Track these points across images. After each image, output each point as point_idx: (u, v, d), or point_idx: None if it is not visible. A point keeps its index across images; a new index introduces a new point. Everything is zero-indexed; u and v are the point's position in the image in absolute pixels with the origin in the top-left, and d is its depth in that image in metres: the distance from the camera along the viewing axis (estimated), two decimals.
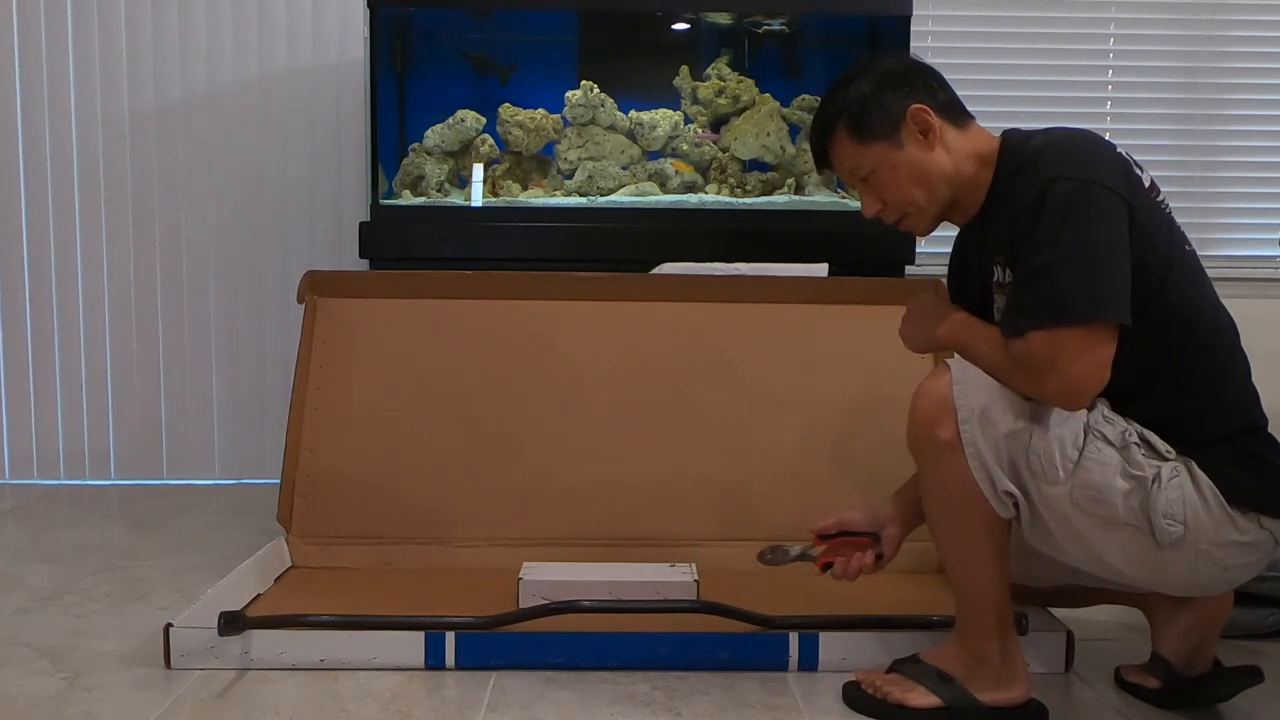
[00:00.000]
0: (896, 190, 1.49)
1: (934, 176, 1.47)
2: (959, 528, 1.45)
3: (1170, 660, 1.54)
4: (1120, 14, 3.14)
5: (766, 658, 1.67)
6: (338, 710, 1.52)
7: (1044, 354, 1.33)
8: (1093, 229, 1.31)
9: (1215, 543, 1.37)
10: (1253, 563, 1.41)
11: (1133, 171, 1.42)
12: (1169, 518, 1.36)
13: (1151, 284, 1.37)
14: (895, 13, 2.70)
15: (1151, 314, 1.37)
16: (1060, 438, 1.37)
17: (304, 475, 2.19)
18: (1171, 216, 1.46)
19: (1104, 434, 1.38)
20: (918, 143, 1.47)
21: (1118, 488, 1.37)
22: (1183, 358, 1.42)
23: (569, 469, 2.20)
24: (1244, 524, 1.37)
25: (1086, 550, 1.42)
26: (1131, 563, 1.41)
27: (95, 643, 1.79)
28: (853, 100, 1.49)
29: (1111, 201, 1.33)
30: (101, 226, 3.07)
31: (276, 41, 3.03)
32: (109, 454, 3.11)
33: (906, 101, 1.47)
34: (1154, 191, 1.44)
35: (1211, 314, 1.44)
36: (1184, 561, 1.38)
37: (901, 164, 1.47)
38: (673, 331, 2.29)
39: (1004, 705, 1.47)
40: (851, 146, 1.50)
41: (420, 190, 2.81)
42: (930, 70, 1.53)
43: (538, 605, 1.74)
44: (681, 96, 2.90)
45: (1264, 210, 3.20)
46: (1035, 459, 1.38)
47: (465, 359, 2.27)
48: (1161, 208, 1.43)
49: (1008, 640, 1.48)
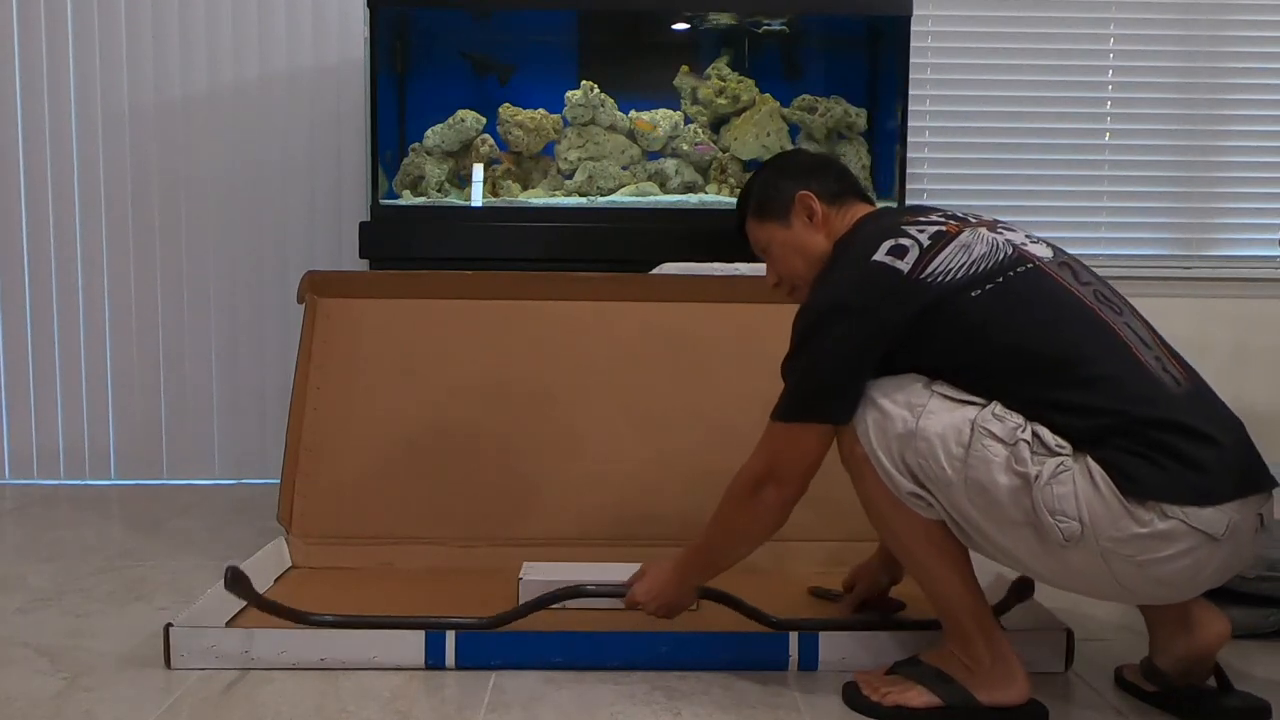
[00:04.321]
0: (785, 264, 1.69)
1: (813, 254, 1.65)
2: (899, 538, 1.50)
3: (1165, 673, 1.54)
4: (1120, 14, 3.14)
5: (766, 658, 1.67)
6: (338, 710, 1.52)
7: (761, 443, 1.55)
8: (813, 348, 1.51)
9: (1116, 538, 1.34)
10: (1177, 558, 1.34)
11: (884, 277, 1.47)
12: (1060, 514, 1.35)
13: (953, 341, 1.45)
14: (895, 13, 2.71)
15: (974, 359, 1.44)
16: (941, 435, 1.41)
17: (304, 475, 2.20)
18: (979, 253, 1.47)
19: (992, 430, 1.39)
20: (804, 225, 1.66)
21: (1003, 485, 1.37)
22: (1034, 379, 1.41)
23: (569, 469, 2.20)
24: (1143, 515, 1.33)
25: (1003, 552, 1.43)
26: (1043, 564, 1.41)
27: (95, 643, 1.79)
28: (759, 186, 1.72)
29: (840, 322, 1.49)
30: (102, 227, 3.07)
31: (276, 41, 3.03)
32: (109, 454, 3.11)
33: (797, 188, 1.66)
34: (925, 261, 1.46)
35: (1049, 330, 1.43)
36: (1091, 561, 1.36)
37: (789, 242, 1.67)
38: (673, 332, 2.29)
39: (1004, 705, 1.47)
40: (755, 225, 1.72)
41: (420, 190, 2.81)
42: (830, 162, 1.77)
43: (541, 596, 1.73)
44: (681, 96, 2.90)
45: (1264, 210, 3.20)
46: (923, 460, 1.42)
47: (465, 359, 2.27)
48: (933, 279, 1.46)
49: (993, 640, 1.48)
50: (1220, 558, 1.36)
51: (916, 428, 1.42)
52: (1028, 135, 3.15)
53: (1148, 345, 1.45)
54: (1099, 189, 3.18)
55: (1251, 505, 1.37)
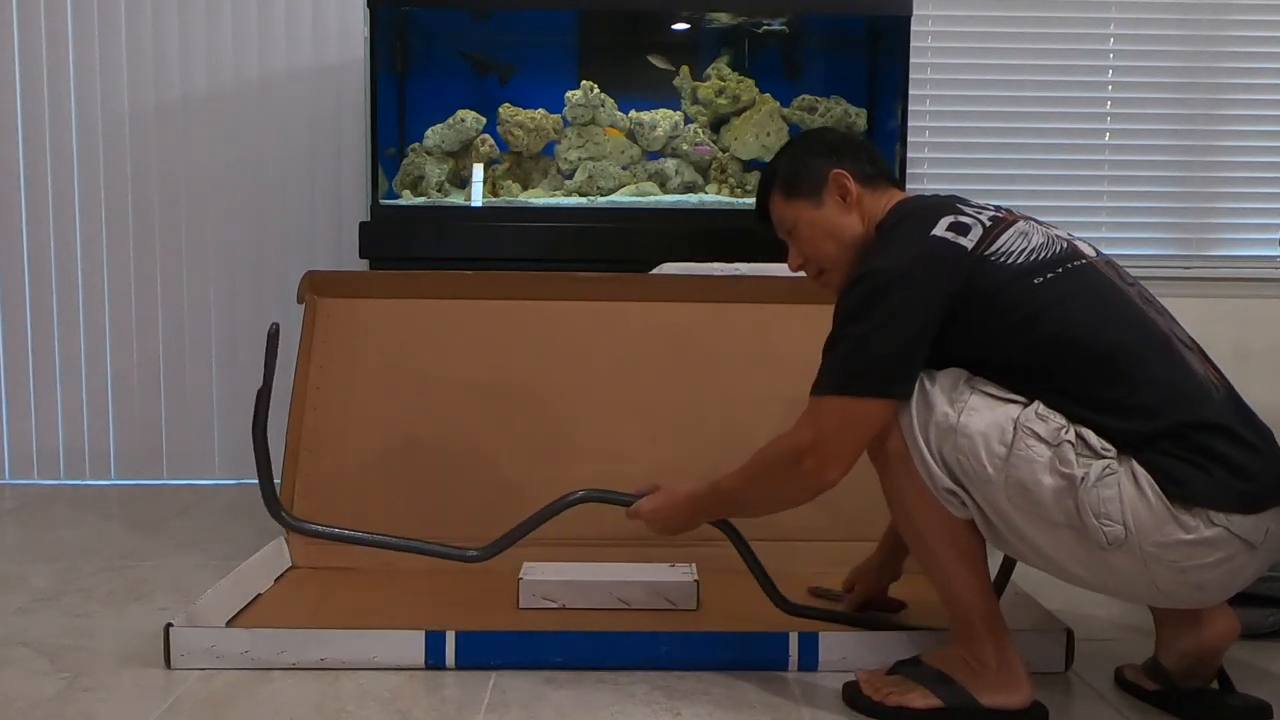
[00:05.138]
0: (813, 246, 1.62)
1: (846, 237, 1.59)
2: (923, 536, 1.48)
3: (1170, 671, 1.54)
4: (1120, 14, 3.14)
5: (766, 658, 1.67)
6: (338, 710, 1.52)
7: (807, 417, 1.47)
8: (875, 316, 1.43)
9: (1161, 543, 1.33)
10: (1219, 565, 1.35)
11: (949, 251, 1.45)
12: (1105, 518, 1.34)
13: (1007, 327, 1.43)
14: (895, 13, 2.71)
15: (1027, 348, 1.42)
16: (984, 434, 1.39)
17: (304, 475, 2.20)
18: (1037, 243, 1.47)
19: (1035, 431, 1.38)
20: (837, 205, 1.60)
21: (1047, 485, 1.36)
22: (1084, 375, 1.40)
23: (569, 469, 2.20)
24: (1189, 522, 1.32)
25: (1038, 553, 1.42)
26: (1082, 566, 1.40)
27: (95, 643, 1.79)
28: (787, 162, 1.65)
29: (904, 290, 1.43)
30: (102, 227, 3.07)
31: (276, 41, 3.03)
32: (109, 454, 3.11)
33: (830, 167, 1.60)
34: (989, 240, 1.45)
35: (1102, 327, 1.42)
36: (1133, 565, 1.36)
37: (819, 222, 1.61)
38: (673, 332, 2.29)
39: (1005, 708, 1.46)
40: (781, 203, 1.65)
41: (420, 190, 2.81)
42: (861, 143, 1.69)
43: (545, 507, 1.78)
44: (681, 96, 2.90)
45: (1264, 210, 3.20)
46: (964, 456, 1.40)
47: (465, 359, 2.27)
48: (997, 259, 1.44)
49: (1001, 643, 1.48)
50: (1256, 564, 1.37)
51: (958, 423, 1.40)
52: (1028, 135, 3.15)
53: (1190, 349, 1.45)
54: (1099, 189, 3.18)
55: None
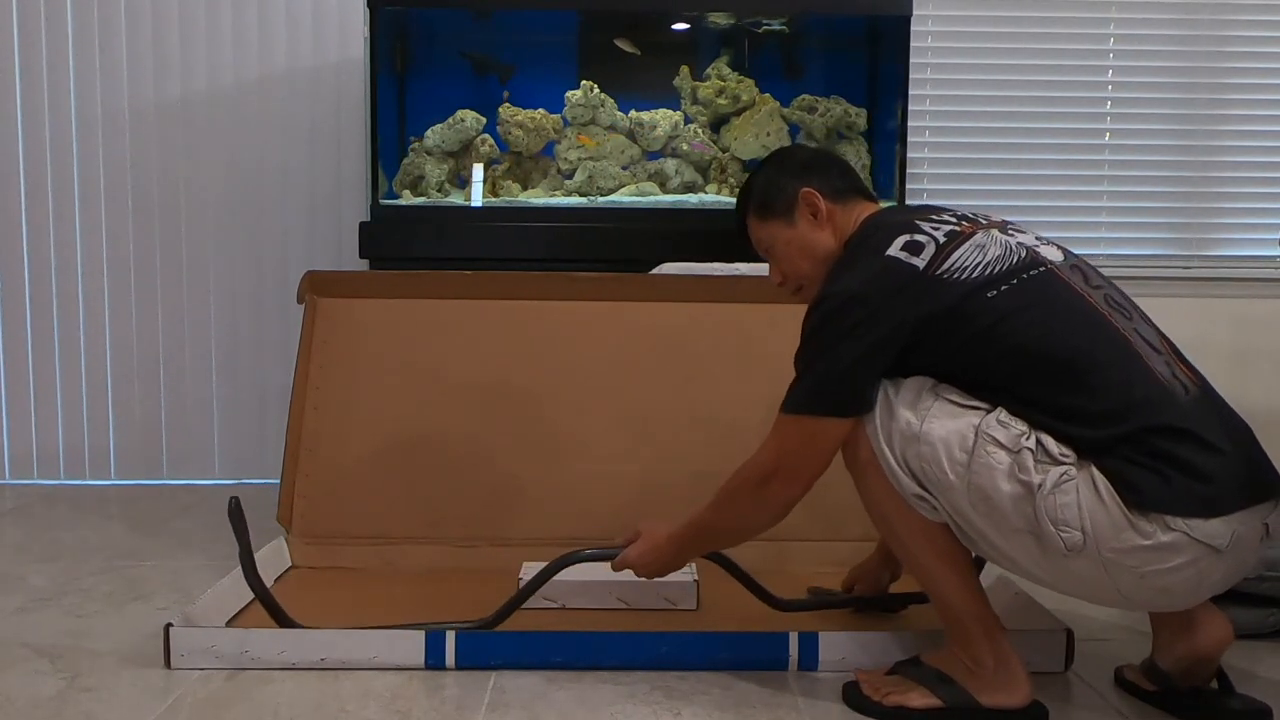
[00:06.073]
0: (790, 263, 1.67)
1: (820, 253, 1.63)
2: (904, 542, 1.50)
3: (1167, 672, 1.54)
4: (1120, 14, 3.14)
5: (766, 658, 1.67)
6: (338, 710, 1.52)
7: (771, 436, 1.52)
8: (830, 338, 1.47)
9: (1119, 549, 1.33)
10: (1180, 569, 1.34)
11: (902, 270, 1.45)
12: (1063, 524, 1.34)
13: (965, 341, 1.44)
14: (895, 13, 2.71)
15: (986, 361, 1.43)
16: (945, 439, 1.40)
17: (304, 475, 2.20)
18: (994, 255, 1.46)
19: (996, 437, 1.39)
20: (809, 223, 1.64)
21: (1006, 492, 1.37)
22: (1044, 384, 1.40)
23: (570, 469, 2.20)
24: (1146, 527, 1.32)
25: (1004, 557, 1.43)
26: (1046, 572, 1.40)
27: (95, 643, 1.79)
28: (760, 184, 1.69)
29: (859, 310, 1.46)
30: (102, 226, 3.07)
31: (276, 41, 3.03)
32: (109, 454, 3.11)
33: (799, 186, 1.63)
34: (941, 258, 1.45)
35: (1059, 335, 1.42)
36: (1094, 570, 1.36)
37: (794, 241, 1.65)
38: (673, 332, 2.29)
39: (1005, 708, 1.46)
40: (757, 224, 1.69)
41: (420, 190, 2.81)
42: (831, 159, 1.74)
43: (540, 573, 1.74)
44: (681, 96, 2.90)
45: (1264, 210, 3.19)
46: (926, 464, 1.42)
47: (465, 359, 2.27)
48: (949, 276, 1.44)
49: (997, 643, 1.48)
50: (1223, 568, 1.36)
51: (920, 431, 1.42)
52: (1028, 135, 3.15)
53: (1157, 351, 1.44)
54: (1099, 189, 3.18)
55: (1257, 514, 1.36)
